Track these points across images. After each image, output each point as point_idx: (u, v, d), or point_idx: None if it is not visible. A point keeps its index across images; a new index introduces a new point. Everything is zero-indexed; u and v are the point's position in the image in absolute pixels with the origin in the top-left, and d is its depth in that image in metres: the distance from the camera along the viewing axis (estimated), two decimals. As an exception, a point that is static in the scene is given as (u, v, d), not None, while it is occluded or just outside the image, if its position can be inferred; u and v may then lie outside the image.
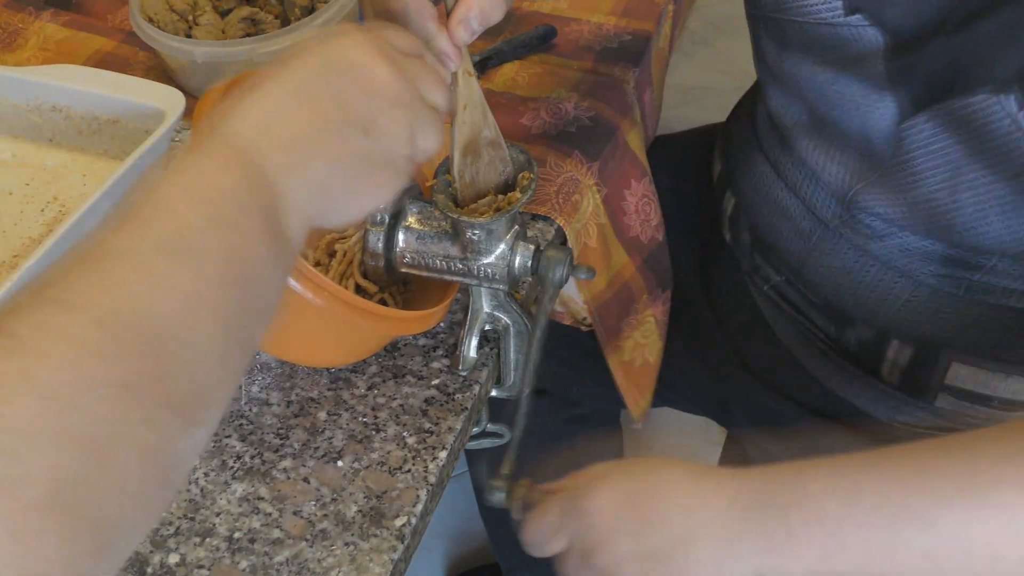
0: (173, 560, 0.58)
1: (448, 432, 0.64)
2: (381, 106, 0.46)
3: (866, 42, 0.62)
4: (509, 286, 0.62)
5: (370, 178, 0.47)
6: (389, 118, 0.47)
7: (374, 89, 0.46)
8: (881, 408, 0.78)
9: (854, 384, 0.78)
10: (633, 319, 0.89)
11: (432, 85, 0.50)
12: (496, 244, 0.61)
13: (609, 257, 0.85)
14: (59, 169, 0.81)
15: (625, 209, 0.86)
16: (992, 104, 0.56)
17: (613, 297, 0.85)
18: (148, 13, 0.84)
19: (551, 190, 0.78)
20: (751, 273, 0.84)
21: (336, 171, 0.45)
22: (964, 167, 0.61)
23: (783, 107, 0.74)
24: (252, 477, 0.62)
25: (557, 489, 0.60)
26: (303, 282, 0.56)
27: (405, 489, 0.61)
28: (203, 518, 0.60)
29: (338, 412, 0.65)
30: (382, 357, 0.68)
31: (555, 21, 0.96)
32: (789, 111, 0.73)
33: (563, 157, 0.81)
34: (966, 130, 0.58)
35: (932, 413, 0.75)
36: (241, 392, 0.66)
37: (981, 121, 0.57)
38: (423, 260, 0.63)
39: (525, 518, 0.61)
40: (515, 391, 0.70)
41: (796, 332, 0.80)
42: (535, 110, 0.86)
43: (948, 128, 0.60)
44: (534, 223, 0.76)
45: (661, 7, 0.97)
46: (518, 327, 0.66)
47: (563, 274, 0.62)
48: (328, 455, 0.63)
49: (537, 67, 0.91)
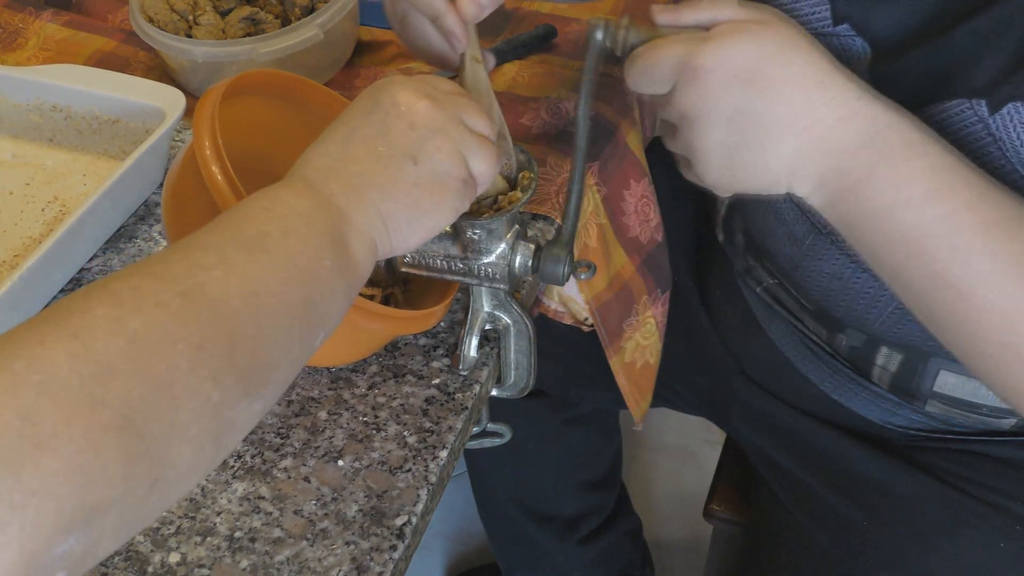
0: (174, 559, 0.58)
1: (448, 432, 0.64)
2: (424, 135, 0.52)
3: (853, 52, 0.62)
4: (509, 285, 0.62)
5: (426, 202, 0.52)
6: (433, 145, 0.52)
7: (415, 121, 0.52)
8: (875, 411, 0.78)
9: (847, 387, 0.78)
10: (634, 320, 0.89)
11: (473, 114, 0.55)
12: (496, 244, 0.61)
13: (609, 257, 0.85)
14: (59, 169, 0.81)
15: (625, 209, 0.86)
16: (966, 109, 0.56)
17: (614, 298, 0.85)
18: (148, 13, 0.84)
19: (551, 190, 0.78)
20: (744, 275, 0.84)
21: (392, 197, 0.51)
22: None
23: None
24: (253, 476, 0.62)
25: (674, 32, 0.57)
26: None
27: (405, 488, 0.61)
28: (204, 517, 0.60)
29: (339, 411, 0.65)
30: (382, 356, 0.69)
31: (555, 21, 0.96)
32: None
33: (563, 157, 0.81)
34: (943, 136, 0.57)
35: (926, 416, 0.75)
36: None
37: (956, 127, 0.57)
38: (423, 260, 0.63)
39: (630, 56, 0.58)
40: (517, 389, 0.71)
41: (789, 334, 0.80)
42: (535, 110, 0.86)
43: None
44: (534, 223, 0.77)
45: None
46: (518, 327, 0.66)
47: (564, 273, 0.62)
48: (329, 454, 0.63)
49: (537, 67, 0.91)
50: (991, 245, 0.52)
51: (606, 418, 1.19)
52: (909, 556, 0.77)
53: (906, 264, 0.55)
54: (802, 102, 0.54)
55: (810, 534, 0.83)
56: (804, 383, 0.81)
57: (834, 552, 0.81)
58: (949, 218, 0.53)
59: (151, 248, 0.76)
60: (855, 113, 0.54)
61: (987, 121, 0.55)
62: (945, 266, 0.53)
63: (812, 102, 0.54)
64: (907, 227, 0.54)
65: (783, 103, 0.54)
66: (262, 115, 0.69)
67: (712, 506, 1.01)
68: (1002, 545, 0.73)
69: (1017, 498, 0.73)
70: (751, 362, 0.86)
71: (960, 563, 0.75)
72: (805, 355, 0.79)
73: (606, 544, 1.25)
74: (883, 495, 0.79)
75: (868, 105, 0.54)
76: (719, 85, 0.54)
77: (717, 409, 0.95)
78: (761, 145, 0.55)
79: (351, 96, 0.89)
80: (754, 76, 0.54)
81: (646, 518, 1.39)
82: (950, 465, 0.76)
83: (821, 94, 0.54)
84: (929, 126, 0.55)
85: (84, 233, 0.72)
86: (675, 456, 1.66)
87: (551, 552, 1.24)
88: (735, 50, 0.54)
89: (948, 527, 0.75)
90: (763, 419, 0.87)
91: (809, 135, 0.54)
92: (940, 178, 0.53)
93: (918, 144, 0.53)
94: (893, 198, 0.54)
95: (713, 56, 0.54)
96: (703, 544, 1.50)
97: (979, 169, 0.54)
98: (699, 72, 0.54)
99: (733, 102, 0.55)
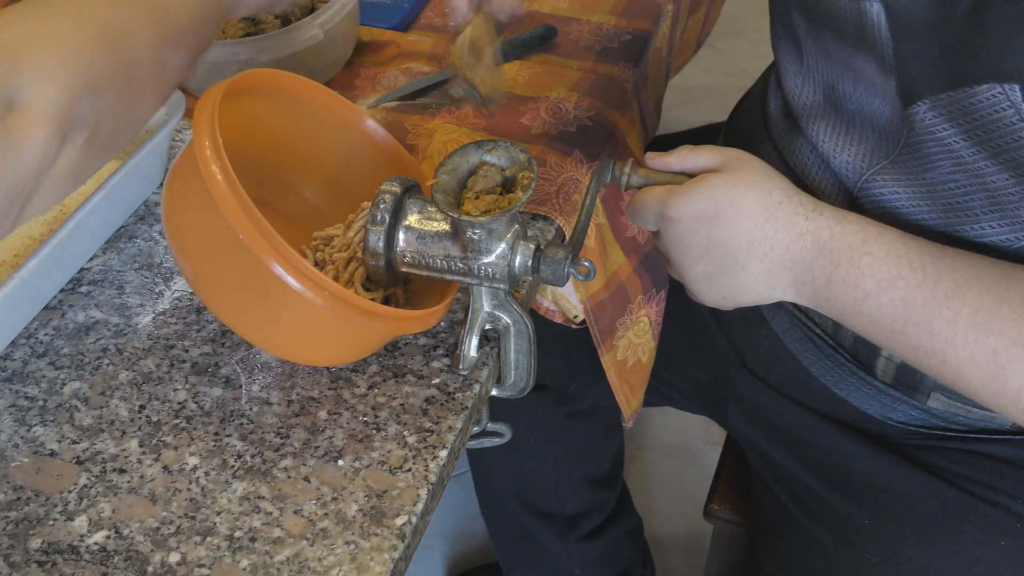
0: (174, 559, 0.58)
1: (449, 431, 0.64)
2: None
3: (873, 22, 0.62)
4: (509, 285, 0.62)
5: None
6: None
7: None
8: (875, 406, 0.78)
9: (849, 382, 0.78)
10: (628, 319, 0.89)
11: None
12: (496, 243, 0.61)
13: (607, 257, 0.85)
14: (60, 169, 0.81)
15: (623, 209, 0.86)
16: (997, 94, 0.56)
17: (609, 297, 0.85)
18: (148, 13, 0.84)
19: (551, 190, 0.78)
20: None
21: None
22: (967, 157, 0.60)
23: (799, 88, 0.73)
24: (253, 476, 0.62)
25: (657, 177, 0.68)
26: (303, 282, 0.56)
27: (406, 488, 0.61)
28: (204, 517, 0.60)
29: (339, 411, 0.65)
30: (382, 356, 0.69)
31: (555, 21, 0.96)
32: (804, 92, 0.72)
33: (563, 157, 0.81)
34: (969, 120, 0.57)
35: (926, 412, 0.75)
36: (241, 391, 0.66)
37: (986, 111, 0.57)
38: (423, 260, 0.63)
39: (630, 193, 0.71)
40: (517, 389, 0.71)
41: (793, 326, 0.80)
42: (535, 110, 0.86)
43: (950, 118, 0.59)
44: (534, 223, 0.77)
45: (661, 7, 0.97)
46: (518, 326, 0.66)
47: (564, 273, 0.62)
48: (329, 454, 0.63)
49: (537, 67, 0.91)
50: (947, 314, 0.59)
51: (607, 415, 1.19)
52: (909, 554, 0.77)
53: (890, 342, 0.63)
54: (756, 232, 0.64)
55: (810, 533, 0.83)
56: (805, 376, 0.81)
57: (834, 550, 0.81)
58: (905, 301, 0.61)
59: (151, 248, 0.76)
60: (802, 233, 0.63)
61: (1019, 106, 0.55)
62: (917, 340, 0.61)
63: (765, 230, 0.64)
64: (874, 316, 0.62)
65: (742, 235, 0.64)
66: (262, 115, 0.69)
67: (712, 506, 1.01)
68: (1002, 543, 0.73)
69: (1017, 496, 0.73)
70: (753, 355, 0.86)
71: (960, 561, 0.75)
72: (808, 348, 0.79)
73: (607, 543, 1.25)
74: (883, 493, 0.79)
75: (813, 222, 0.63)
76: (687, 228, 0.65)
77: (716, 405, 0.95)
78: (733, 271, 0.66)
79: (351, 96, 0.89)
80: (713, 217, 0.64)
81: (646, 518, 1.39)
82: (949, 463, 0.76)
83: (772, 223, 0.64)
84: (956, 110, 0.58)
85: (84, 233, 0.72)
86: (675, 456, 1.66)
87: (552, 550, 1.24)
88: (695, 198, 0.65)
89: (948, 525, 0.75)
90: (762, 414, 0.87)
91: (770, 257, 0.64)
92: (887, 269, 0.61)
93: (859, 246, 0.62)
94: (853, 295, 0.63)
95: (677, 207, 0.65)
96: (703, 544, 1.50)
97: (923, 240, 0.62)
98: (670, 221, 0.66)
99: (702, 240, 0.65)
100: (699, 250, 0.66)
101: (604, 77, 0.89)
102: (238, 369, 0.68)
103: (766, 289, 0.66)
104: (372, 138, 0.72)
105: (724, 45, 2.38)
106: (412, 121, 0.85)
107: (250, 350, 0.69)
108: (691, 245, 0.66)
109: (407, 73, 0.91)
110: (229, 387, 0.67)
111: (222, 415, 0.65)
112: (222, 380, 0.67)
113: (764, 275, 0.65)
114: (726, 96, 1.00)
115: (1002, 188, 0.60)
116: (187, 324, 0.71)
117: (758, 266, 0.65)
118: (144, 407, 0.66)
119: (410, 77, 0.90)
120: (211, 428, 0.64)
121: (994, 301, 0.59)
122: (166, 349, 0.69)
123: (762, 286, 0.66)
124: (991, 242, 0.64)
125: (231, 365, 0.68)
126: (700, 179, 0.66)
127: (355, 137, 0.72)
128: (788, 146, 0.76)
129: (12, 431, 0.64)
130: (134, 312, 0.72)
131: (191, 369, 0.68)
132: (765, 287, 0.66)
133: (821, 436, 0.82)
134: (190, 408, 0.66)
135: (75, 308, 0.72)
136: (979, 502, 0.74)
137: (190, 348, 0.69)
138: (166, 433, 0.64)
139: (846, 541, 0.80)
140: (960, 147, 0.60)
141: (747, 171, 0.65)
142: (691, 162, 0.68)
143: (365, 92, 0.89)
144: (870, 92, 0.65)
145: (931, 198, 0.65)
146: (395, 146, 0.72)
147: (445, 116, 0.86)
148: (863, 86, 0.66)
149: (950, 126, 0.59)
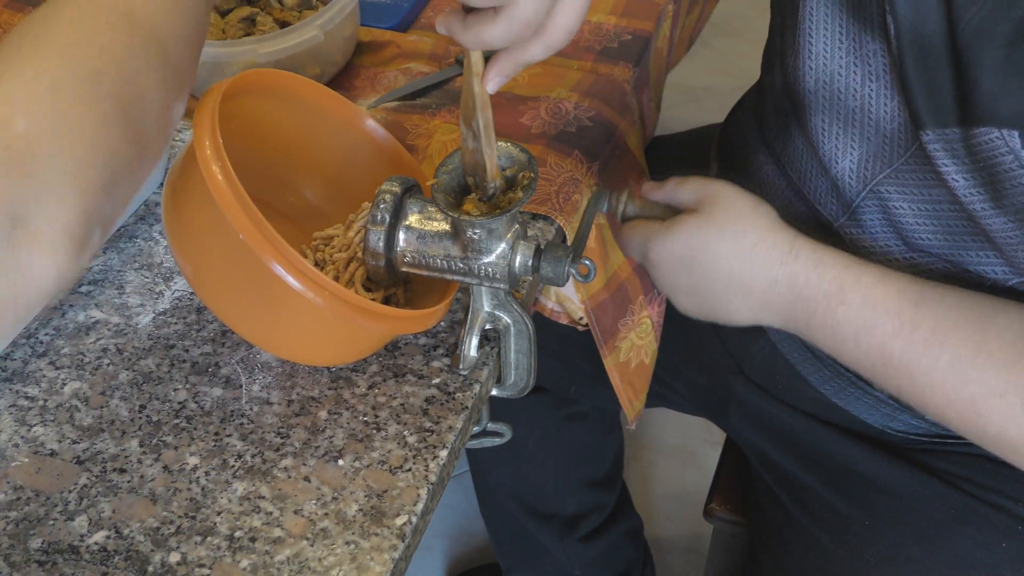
0: (174, 559, 0.58)
1: (449, 431, 0.64)
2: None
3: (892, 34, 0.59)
4: (510, 285, 0.62)
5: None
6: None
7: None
8: (875, 416, 0.78)
9: (848, 392, 0.78)
10: (630, 320, 0.89)
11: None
12: (497, 243, 0.61)
13: (607, 257, 0.85)
14: (60, 169, 0.81)
15: (625, 209, 0.86)
16: (995, 139, 0.54)
17: (610, 298, 0.85)
18: (148, 13, 0.84)
19: (551, 190, 0.78)
20: None
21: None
22: (964, 197, 0.59)
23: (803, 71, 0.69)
24: (253, 476, 0.62)
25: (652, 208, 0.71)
26: (304, 282, 0.56)
27: (406, 488, 0.61)
28: (204, 517, 0.60)
29: (339, 411, 0.65)
30: (383, 356, 0.69)
31: (555, 21, 0.95)
32: (808, 76, 0.68)
33: (563, 157, 0.81)
34: (972, 160, 0.56)
35: (924, 421, 0.75)
36: (242, 391, 0.66)
37: (986, 153, 0.55)
38: (424, 259, 0.63)
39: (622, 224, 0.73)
40: (517, 388, 0.71)
41: (790, 337, 0.80)
42: (535, 110, 0.86)
43: (952, 153, 0.58)
44: (534, 223, 0.77)
45: (661, 7, 0.97)
46: (519, 326, 0.66)
47: (564, 272, 0.62)
48: (329, 454, 0.63)
49: (537, 67, 0.91)
50: (925, 362, 0.60)
51: (606, 416, 1.19)
52: (909, 555, 0.77)
53: (873, 380, 0.64)
54: (732, 276, 0.65)
55: (810, 533, 0.83)
56: (803, 385, 0.80)
57: (834, 551, 0.81)
58: (883, 348, 0.61)
59: (151, 248, 0.76)
60: (776, 280, 0.64)
61: (1018, 153, 0.54)
62: (898, 383, 0.62)
63: (740, 275, 0.65)
64: (855, 359, 0.64)
65: (720, 279, 0.66)
66: (262, 115, 0.69)
67: (712, 506, 1.01)
68: (1004, 545, 0.73)
69: (1018, 499, 0.73)
70: (750, 363, 0.86)
71: (961, 563, 0.75)
72: (806, 358, 0.79)
73: (607, 543, 1.25)
74: (883, 494, 0.79)
75: (788, 268, 0.64)
76: (669, 272, 0.68)
77: (716, 408, 0.95)
78: (721, 306, 0.68)
79: (351, 96, 0.89)
80: (691, 262, 0.66)
81: (646, 518, 1.39)
82: (950, 466, 0.76)
83: (747, 267, 0.65)
84: (958, 147, 0.56)
85: (84, 233, 0.72)
86: (675, 456, 1.66)
87: (551, 550, 1.24)
88: (670, 244, 0.67)
89: (949, 526, 0.75)
90: (762, 418, 0.87)
91: (752, 296, 0.66)
92: (863, 318, 0.62)
93: (835, 294, 0.62)
94: (832, 339, 0.64)
95: (656, 251, 0.68)
96: (703, 544, 1.50)
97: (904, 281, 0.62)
98: (652, 264, 0.69)
99: (684, 281, 0.68)
100: (684, 288, 0.69)
101: (604, 77, 0.89)
102: (238, 369, 0.68)
103: (754, 320, 0.68)
104: (372, 138, 0.72)
105: (724, 45, 2.38)
106: (412, 121, 0.85)
107: (250, 350, 0.69)
108: (676, 285, 0.69)
109: (407, 73, 0.91)
110: (229, 387, 0.67)
111: (222, 415, 0.65)
112: (222, 380, 0.67)
113: (749, 311, 0.67)
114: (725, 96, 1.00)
115: (1000, 231, 0.59)
116: (187, 324, 0.71)
117: (742, 303, 0.67)
118: (144, 407, 0.66)
119: (410, 77, 0.90)
120: (211, 428, 0.64)
121: (972, 349, 0.59)
122: (166, 349, 0.69)
123: (750, 318, 0.68)
124: (991, 274, 0.63)
125: (231, 365, 0.68)
126: (677, 221, 0.67)
127: (355, 137, 0.72)
128: (784, 151, 0.75)
129: (12, 431, 0.64)
130: (134, 312, 0.72)
131: (191, 369, 0.68)
132: (751, 318, 0.68)
133: (821, 438, 0.82)
134: (190, 408, 0.66)
135: (75, 308, 0.72)
136: (980, 504, 0.74)
137: (190, 348, 0.69)
138: (166, 433, 0.64)
139: (846, 542, 0.80)
140: (959, 185, 0.59)
141: (722, 212, 0.66)
142: (677, 198, 0.70)
143: (365, 92, 0.89)
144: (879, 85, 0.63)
145: (935, 218, 0.64)
146: (395, 146, 0.72)
147: (445, 116, 0.86)
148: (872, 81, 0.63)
149: (952, 162, 0.58)
